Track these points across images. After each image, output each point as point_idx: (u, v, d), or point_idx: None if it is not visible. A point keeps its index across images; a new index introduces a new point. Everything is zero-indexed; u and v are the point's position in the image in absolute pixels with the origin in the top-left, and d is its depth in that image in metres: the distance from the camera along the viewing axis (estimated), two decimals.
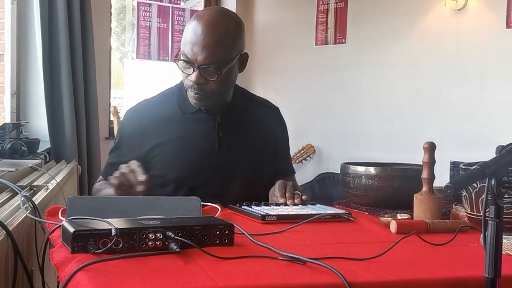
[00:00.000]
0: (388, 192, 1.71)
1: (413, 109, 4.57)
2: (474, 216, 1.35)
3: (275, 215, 1.50)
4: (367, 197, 1.75)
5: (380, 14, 4.72)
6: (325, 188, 4.90)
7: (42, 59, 3.16)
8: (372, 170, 1.75)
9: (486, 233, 0.94)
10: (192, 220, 1.24)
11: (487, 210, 0.95)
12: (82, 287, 0.92)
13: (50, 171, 2.45)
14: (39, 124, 3.37)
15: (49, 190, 2.01)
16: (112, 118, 4.29)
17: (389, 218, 1.47)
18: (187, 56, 1.71)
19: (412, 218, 1.55)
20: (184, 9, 5.17)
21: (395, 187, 1.71)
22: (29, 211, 1.55)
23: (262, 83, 5.33)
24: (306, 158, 5.05)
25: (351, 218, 1.56)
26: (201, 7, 5.27)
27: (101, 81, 3.85)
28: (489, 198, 0.94)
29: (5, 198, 1.74)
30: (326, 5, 5.06)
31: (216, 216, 1.40)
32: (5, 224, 1.38)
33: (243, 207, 1.62)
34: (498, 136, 3.64)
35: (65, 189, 2.44)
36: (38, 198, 1.82)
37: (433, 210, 1.52)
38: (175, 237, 1.10)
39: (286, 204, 1.68)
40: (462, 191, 1.36)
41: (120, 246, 1.08)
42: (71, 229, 1.08)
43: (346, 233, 1.43)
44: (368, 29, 4.79)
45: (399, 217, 1.53)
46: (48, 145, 3.20)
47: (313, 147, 5.07)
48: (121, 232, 1.08)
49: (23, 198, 1.55)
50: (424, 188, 1.54)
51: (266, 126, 1.97)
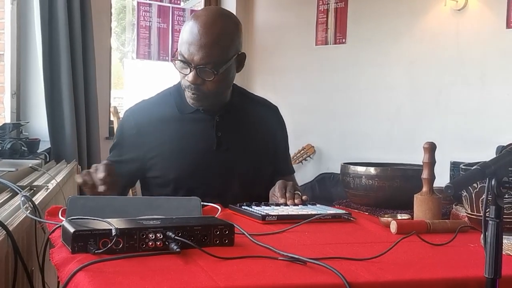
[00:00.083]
0: (388, 192, 1.71)
1: (413, 109, 4.57)
2: (474, 216, 1.35)
3: (275, 215, 1.50)
4: (367, 197, 1.75)
5: (380, 14, 4.72)
6: (325, 188, 4.89)
7: (42, 59, 3.16)
8: (372, 170, 1.75)
9: (486, 233, 0.94)
10: (192, 220, 1.24)
11: (487, 210, 0.95)
12: (82, 287, 0.92)
13: (50, 171, 2.45)
14: (39, 124, 3.37)
15: (49, 190, 2.00)
16: (112, 118, 4.28)
17: (389, 218, 1.47)
18: (184, 56, 1.71)
19: (412, 218, 1.55)
20: (184, 9, 5.17)
21: (395, 187, 1.71)
22: (29, 211, 1.55)
23: (262, 83, 5.32)
24: (306, 158, 5.05)
25: (351, 218, 1.56)
26: (201, 7, 5.26)
27: (101, 81, 3.85)
28: (490, 198, 0.94)
29: (5, 198, 1.74)
30: (326, 5, 5.06)
31: (216, 216, 1.40)
32: (5, 224, 1.37)
33: (243, 207, 1.62)
34: (498, 136, 3.63)
35: (65, 189, 2.43)
36: (38, 198, 1.81)
37: (433, 210, 1.52)
38: (175, 237, 1.10)
39: (286, 204, 1.68)
40: (462, 191, 1.36)
41: (120, 246, 1.08)
42: (71, 229, 1.08)
43: (346, 233, 1.43)
44: (368, 29, 4.79)
45: (399, 217, 1.53)
46: (48, 145, 3.20)
47: (313, 147, 5.06)
48: (121, 232, 1.08)
49: (23, 198, 1.55)
50: (424, 188, 1.54)
51: (265, 126, 1.97)
